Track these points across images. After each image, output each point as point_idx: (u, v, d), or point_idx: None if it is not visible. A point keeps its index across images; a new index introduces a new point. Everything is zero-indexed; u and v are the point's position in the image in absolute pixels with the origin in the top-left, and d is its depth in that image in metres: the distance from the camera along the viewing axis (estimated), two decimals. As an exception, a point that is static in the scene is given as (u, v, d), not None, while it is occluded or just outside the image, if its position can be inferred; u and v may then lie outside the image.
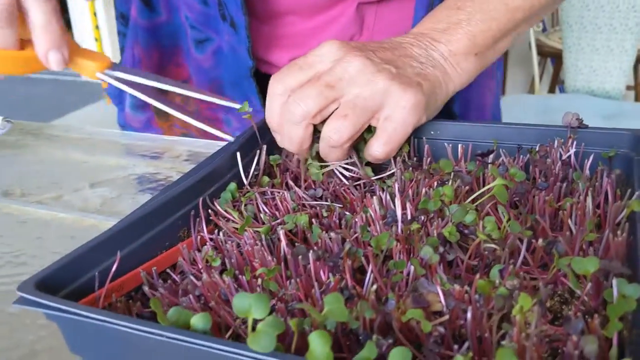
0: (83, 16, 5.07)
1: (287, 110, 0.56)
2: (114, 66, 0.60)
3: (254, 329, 0.32)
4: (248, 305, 0.33)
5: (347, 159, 0.60)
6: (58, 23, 0.55)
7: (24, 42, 0.55)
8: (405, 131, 0.57)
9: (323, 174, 0.60)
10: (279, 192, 0.56)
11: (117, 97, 0.99)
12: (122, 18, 0.92)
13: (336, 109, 0.56)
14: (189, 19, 0.83)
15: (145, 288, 0.43)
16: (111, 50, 4.95)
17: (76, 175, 0.81)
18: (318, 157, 0.60)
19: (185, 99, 0.81)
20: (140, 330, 0.34)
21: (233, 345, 0.32)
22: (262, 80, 0.81)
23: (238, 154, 0.58)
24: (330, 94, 0.55)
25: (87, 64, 0.58)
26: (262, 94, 0.80)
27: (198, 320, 0.35)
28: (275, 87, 0.58)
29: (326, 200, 0.55)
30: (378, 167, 0.61)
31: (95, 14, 4.73)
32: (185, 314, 0.36)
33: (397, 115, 0.56)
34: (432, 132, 0.62)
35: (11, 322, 0.51)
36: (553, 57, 3.29)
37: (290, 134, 0.57)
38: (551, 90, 3.22)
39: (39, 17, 0.54)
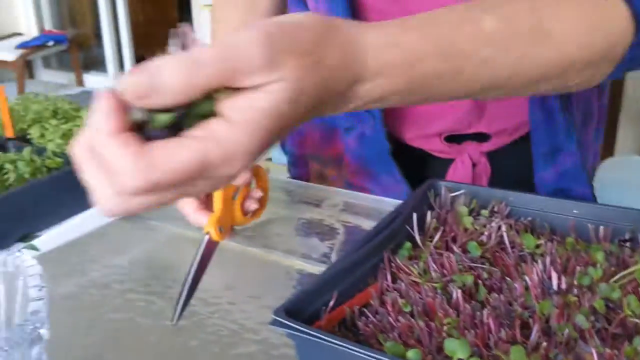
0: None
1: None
2: None
3: (459, 364, 0.45)
4: (456, 347, 0.46)
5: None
6: None
7: None
8: None
9: None
10: (446, 255, 0.68)
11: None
12: None
13: None
14: None
15: (360, 323, 0.56)
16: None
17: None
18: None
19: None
20: (374, 357, 0.47)
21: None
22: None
23: (414, 215, 0.71)
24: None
25: None
26: (400, 165, 0.98)
27: (413, 355, 0.48)
28: None
29: (483, 264, 0.67)
30: None
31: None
32: (399, 347, 0.49)
33: None
34: (574, 211, 0.72)
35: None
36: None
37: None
38: (664, 152, 3.16)
39: None
